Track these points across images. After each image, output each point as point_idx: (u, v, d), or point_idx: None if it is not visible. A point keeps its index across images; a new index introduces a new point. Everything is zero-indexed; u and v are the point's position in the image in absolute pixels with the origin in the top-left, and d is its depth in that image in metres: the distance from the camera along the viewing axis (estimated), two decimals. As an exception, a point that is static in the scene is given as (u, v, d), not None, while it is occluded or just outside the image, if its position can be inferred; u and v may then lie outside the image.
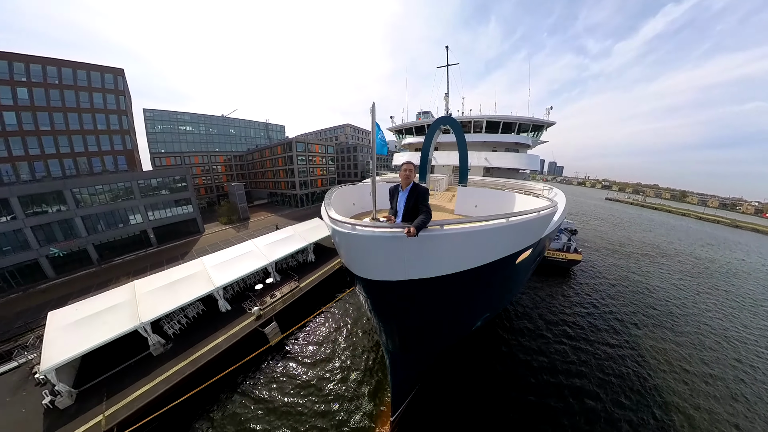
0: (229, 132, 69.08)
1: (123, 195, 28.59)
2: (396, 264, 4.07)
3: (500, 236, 4.56)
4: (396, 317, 5.43)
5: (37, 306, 18.02)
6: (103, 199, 27.34)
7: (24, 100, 28.54)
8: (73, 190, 25.39)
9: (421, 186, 4.07)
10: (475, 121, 20.81)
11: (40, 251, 23.44)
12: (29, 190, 23.35)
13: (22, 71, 28.14)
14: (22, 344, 12.89)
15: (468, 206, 9.84)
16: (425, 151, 11.29)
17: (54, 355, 9.34)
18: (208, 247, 27.93)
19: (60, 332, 10.30)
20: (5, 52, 27.41)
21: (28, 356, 11.88)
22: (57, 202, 24.68)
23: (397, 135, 27.78)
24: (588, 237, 36.07)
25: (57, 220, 24.50)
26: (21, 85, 28.28)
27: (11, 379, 11.03)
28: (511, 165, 19.25)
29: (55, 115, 30.31)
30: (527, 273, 8.91)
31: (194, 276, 14.33)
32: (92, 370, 10.70)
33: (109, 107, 33.54)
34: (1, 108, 27.41)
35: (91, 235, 26.29)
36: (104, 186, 27.56)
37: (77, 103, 31.44)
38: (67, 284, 22.22)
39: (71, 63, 30.74)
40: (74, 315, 11.24)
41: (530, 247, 5.98)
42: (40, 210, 23.87)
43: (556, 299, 18.06)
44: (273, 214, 44.33)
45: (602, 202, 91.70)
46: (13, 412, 9.35)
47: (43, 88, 29.37)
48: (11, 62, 27.58)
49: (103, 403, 9.23)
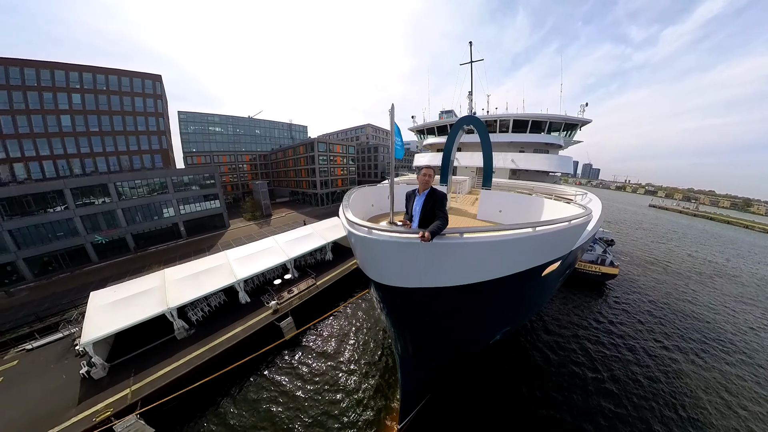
0: (254, 132, 72.95)
1: (158, 190, 31.38)
2: (410, 270, 3.99)
3: (525, 247, 4.29)
4: (409, 324, 5.33)
5: (81, 286, 20.36)
6: (141, 193, 30.22)
7: (77, 105, 32.48)
8: (116, 184, 28.36)
9: (438, 191, 4.01)
10: (501, 121, 20.11)
11: (86, 238, 26.42)
12: (80, 183, 26.48)
13: (76, 79, 32.15)
14: (67, 318, 14.73)
15: (491, 211, 9.46)
16: (447, 152, 11.01)
17: (93, 330, 10.47)
18: (232, 242, 29.59)
19: (99, 310, 11.52)
20: (64, 63, 31.41)
21: (71, 330, 13.52)
22: (102, 194, 27.68)
23: (419, 135, 27.59)
24: (627, 249, 33.22)
25: (101, 211, 27.44)
26: (75, 92, 32.23)
27: (56, 348, 12.57)
28: (540, 167, 18.31)
29: (103, 117, 34.11)
30: (554, 286, 8.37)
31: (218, 268, 15.23)
32: (124, 347, 11.78)
33: (148, 110, 37.04)
34: (58, 111, 31.37)
35: (130, 225, 29.12)
36: (142, 181, 30.46)
37: (121, 107, 35.14)
38: (107, 268, 24.83)
39: (117, 71, 34.46)
40: (112, 296, 12.50)
41: (559, 259, 5.55)
42: (88, 201, 26.89)
43: (585, 315, 16.75)
44: (294, 211, 45.96)
45: (645, 209, 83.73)
46: (56, 378, 10.59)
47: (93, 94, 33.23)
48: (68, 72, 31.57)
49: (130, 378, 10.15)
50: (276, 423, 9.47)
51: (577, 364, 12.38)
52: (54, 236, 24.91)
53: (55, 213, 25.03)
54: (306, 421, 9.47)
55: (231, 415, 9.81)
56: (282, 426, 9.35)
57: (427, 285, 4.14)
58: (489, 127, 20.56)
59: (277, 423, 9.47)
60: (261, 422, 9.52)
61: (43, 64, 30.18)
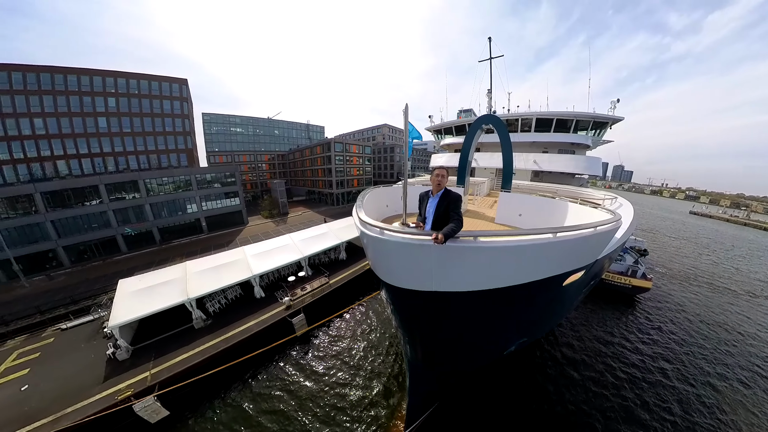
0: (273, 133, 75.61)
1: (183, 187, 33.49)
2: (422, 273, 3.96)
3: (544, 254, 4.13)
4: (419, 328, 5.28)
5: (112, 273, 22.06)
6: (167, 190, 32.41)
7: (113, 108, 35.51)
8: (145, 181, 30.57)
9: (453, 192, 3.91)
10: (522, 119, 19.49)
11: (117, 230, 28.77)
12: (113, 180, 28.88)
13: (112, 84, 35.14)
14: (98, 303, 16.03)
15: (511, 214, 9.19)
16: (465, 152, 10.80)
17: (120, 315, 11.32)
18: (249, 238, 30.73)
19: (126, 297, 12.41)
20: (102, 70, 34.52)
21: (101, 313, 14.69)
22: (132, 190, 29.98)
23: (436, 135, 27.36)
24: (663, 260, 30.83)
25: (131, 205, 29.73)
26: (111, 96, 35.23)
27: (87, 329, 13.77)
28: (565, 168, 17.51)
29: (134, 119, 36.97)
30: (577, 297, 7.93)
31: (236, 262, 15.88)
32: (146, 332, 12.60)
33: (174, 112, 39.73)
34: (96, 114, 34.44)
35: (156, 219, 31.28)
36: (169, 178, 32.72)
37: (151, 109, 37.95)
38: (134, 258, 26.79)
39: (147, 76, 37.32)
40: (138, 284, 13.42)
41: (582, 268, 5.28)
42: (120, 196, 29.28)
43: (612, 331, 15.46)
44: (310, 210, 47.04)
45: (685, 217, 77.08)
46: (85, 357, 11.66)
47: (126, 98, 36.12)
48: (104, 77, 34.59)
49: (150, 362, 10.87)
50: (282, 415, 9.72)
51: (601, 384, 11.51)
52: (89, 227, 27.34)
53: (91, 206, 27.48)
54: (311, 416, 9.63)
55: (240, 405, 10.21)
56: (288, 419, 9.58)
57: (439, 289, 4.07)
58: (510, 126, 19.98)
59: (283, 415, 9.72)
60: (267, 414, 9.80)
61: (84, 71, 33.27)
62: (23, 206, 24.62)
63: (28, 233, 24.63)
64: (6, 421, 8.88)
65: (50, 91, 31.58)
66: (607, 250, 5.61)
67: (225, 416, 9.82)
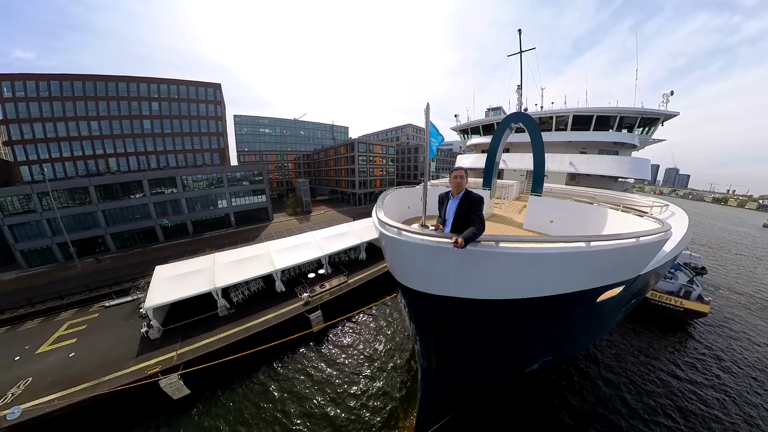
0: (299, 133, 78.77)
1: (215, 184, 36.43)
2: (440, 277, 3.90)
3: (575, 265, 3.83)
4: (434, 334, 5.18)
5: (150, 260, 24.53)
6: (201, 186, 35.45)
7: (155, 111, 39.48)
8: (182, 177, 33.67)
9: (474, 194, 3.78)
10: (557, 116, 18.29)
11: (157, 221, 32.01)
12: (155, 176, 32.21)
13: (155, 90, 39.14)
14: (136, 285, 17.97)
15: (541, 220, 8.69)
16: (492, 153, 10.34)
17: (154, 298, 12.53)
18: (274, 234, 32.24)
19: (161, 282, 13.67)
20: (147, 77, 38.67)
21: (139, 295, 16.45)
22: (171, 185, 33.17)
23: (462, 135, 26.77)
24: (726, 281, 26.95)
25: (169, 199, 32.87)
26: (154, 100, 39.23)
27: (126, 308, 15.55)
28: (606, 171, 16.11)
29: (174, 121, 40.78)
30: (614, 316, 7.18)
31: (260, 257, 16.76)
32: (176, 316, 13.76)
33: (209, 114, 43.15)
34: (142, 117, 38.52)
35: (190, 213, 34.26)
36: (203, 175, 35.86)
37: (188, 112, 41.59)
38: (170, 248, 29.60)
39: (185, 81, 41.10)
40: (172, 271, 14.71)
41: (622, 284, 4.83)
42: (159, 191, 32.51)
43: (656, 361, 13.11)
44: (332, 209, 48.24)
45: (758, 231, 67.25)
46: (123, 333, 13.15)
47: (167, 102, 40.02)
48: (149, 84, 38.66)
49: (177, 343, 11.88)
50: (292, 406, 10.08)
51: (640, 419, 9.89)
52: (133, 218, 30.81)
53: (135, 199, 30.92)
54: (320, 411, 9.83)
55: (254, 392, 10.81)
56: (297, 411, 9.91)
57: (456, 295, 3.98)
58: (543, 124, 18.94)
59: (293, 406, 10.07)
60: (278, 404, 10.23)
61: (132, 79, 37.58)
62: (80, 197, 28.56)
63: (83, 221, 28.47)
64: (55, 381, 10.37)
65: (104, 97, 36.02)
66: (653, 265, 5.04)
67: (239, 400, 10.47)
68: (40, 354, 12.26)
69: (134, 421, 9.78)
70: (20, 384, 10.31)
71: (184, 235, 33.72)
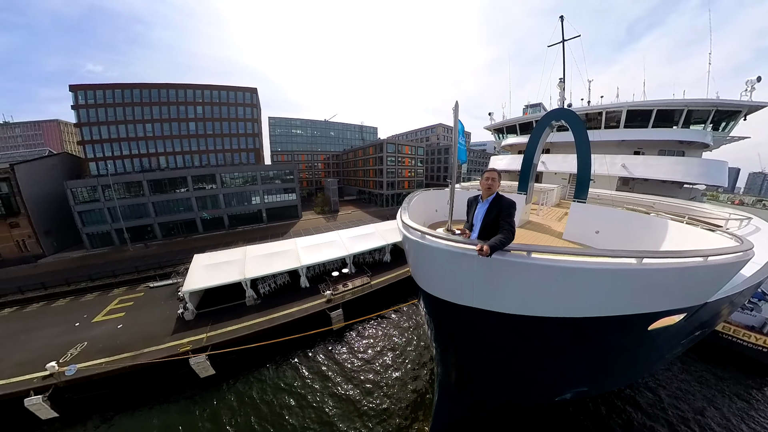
0: (329, 134, 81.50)
1: (250, 181, 39.35)
2: (463, 286, 3.68)
3: (622, 284, 3.33)
4: (454, 346, 4.93)
5: (189, 249, 27.03)
6: (237, 183, 38.55)
7: (199, 114, 43.49)
8: (221, 175, 36.96)
9: (505, 198, 3.54)
10: (607, 112, 16.48)
11: (197, 214, 35.56)
12: (197, 173, 35.87)
13: (199, 95, 43.25)
14: (177, 271, 19.90)
15: (584, 231, 7.78)
16: (529, 154, 9.38)
17: (191, 283, 13.77)
18: (302, 231, 33.73)
19: (198, 269, 14.97)
20: (192, 84, 43.08)
21: (178, 279, 18.13)
22: (211, 182, 36.51)
23: (497, 134, 25.52)
24: None
25: (209, 194, 36.23)
26: (198, 105, 43.27)
27: (166, 290, 17.43)
28: (668, 175, 13.90)
29: (215, 123, 44.61)
30: (671, 349, 6.22)
31: (287, 252, 17.51)
32: (208, 301, 14.91)
33: (246, 117, 46.49)
34: (188, 119, 42.78)
35: (227, 208, 37.40)
36: (239, 173, 39.03)
37: (228, 114, 45.18)
38: (207, 239, 32.78)
39: (225, 87, 44.83)
40: (208, 260, 16.03)
41: (682, 311, 4.12)
42: (201, 187, 35.93)
43: (728, 411, 10.31)
44: (359, 210, 49.06)
45: None
46: (162, 312, 14.75)
47: (210, 106, 43.92)
48: (194, 90, 42.94)
49: (208, 326, 12.93)
50: (303, 399, 10.43)
51: None
52: (177, 210, 34.58)
53: (180, 193, 34.62)
54: (332, 409, 9.93)
55: (272, 381, 11.34)
56: (309, 405, 10.20)
57: (480, 306, 3.72)
58: (590, 121, 17.25)
59: (307, 399, 10.40)
60: (292, 397, 10.59)
61: (180, 86, 42.09)
62: (135, 190, 32.89)
63: (136, 211, 32.77)
64: (104, 348, 12.06)
65: (157, 102, 40.77)
66: (726, 291, 4.18)
67: (258, 386, 11.16)
68: (95, 323, 14.32)
69: (164, 393, 10.86)
70: (77, 346, 12.18)
71: (220, 228, 37.08)
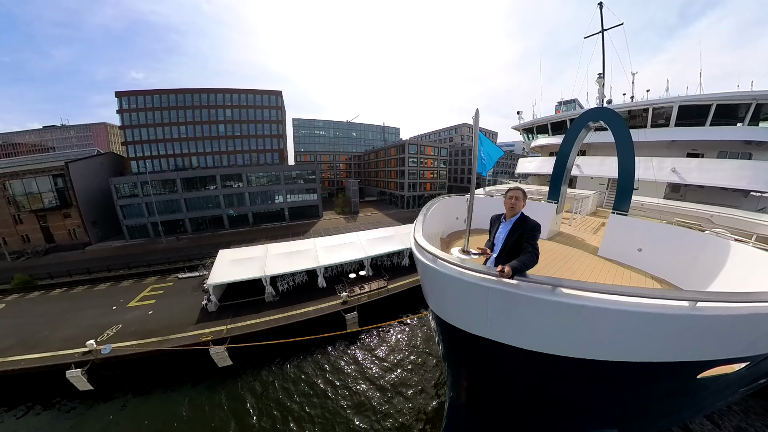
0: (351, 135, 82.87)
1: (274, 181, 41.13)
2: (475, 315, 3.39)
3: (668, 330, 2.80)
4: (465, 371, 4.59)
5: (216, 243, 28.83)
6: (262, 182, 40.47)
7: (228, 117, 46.12)
8: (247, 174, 39.18)
9: (531, 220, 3.33)
10: (655, 109, 14.76)
11: (224, 211, 37.92)
12: (226, 172, 38.31)
13: (228, 99, 45.90)
14: (203, 264, 21.03)
15: (624, 247, 6.81)
16: (562, 156, 8.54)
17: (216, 276, 14.52)
18: (322, 230, 34.55)
19: (222, 264, 15.76)
20: (222, 88, 45.84)
21: (204, 272, 19.15)
22: (238, 181, 38.71)
23: (526, 135, 24.08)
24: None
25: (236, 193, 38.40)
26: (227, 108, 45.90)
27: (194, 282, 18.67)
28: (730, 182, 11.95)
29: (243, 125, 47.08)
30: (727, 397, 5.43)
31: (307, 251, 17.84)
32: (230, 294, 15.63)
33: (271, 119, 48.59)
34: (217, 122, 45.57)
35: (252, 206, 39.45)
36: (264, 173, 41.01)
37: (254, 117, 47.50)
38: (232, 235, 34.94)
39: (251, 90, 47.18)
40: (232, 255, 16.80)
41: (743, 360, 3.51)
42: (228, 185, 38.21)
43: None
44: (379, 211, 49.21)
45: None
46: (188, 302, 15.72)
47: (238, 108, 46.43)
48: (224, 94, 45.76)
49: (228, 319, 13.61)
50: (311, 401, 10.51)
51: None
52: (206, 206, 37.19)
53: (209, 191, 37.14)
54: (340, 412, 9.92)
55: (282, 378, 11.63)
56: (318, 405, 10.30)
57: (493, 338, 3.40)
58: (633, 119, 15.63)
59: (312, 402, 10.49)
60: (301, 397, 10.75)
61: (211, 91, 45.01)
62: (169, 187, 35.82)
63: (170, 206, 35.68)
64: (135, 331, 13.18)
65: (190, 106, 43.94)
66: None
67: (272, 380, 11.55)
68: (129, 307, 15.74)
69: (184, 378, 11.63)
70: (113, 328, 13.50)
71: (244, 225, 39.29)
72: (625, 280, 5.93)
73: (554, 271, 6.12)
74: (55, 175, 31.17)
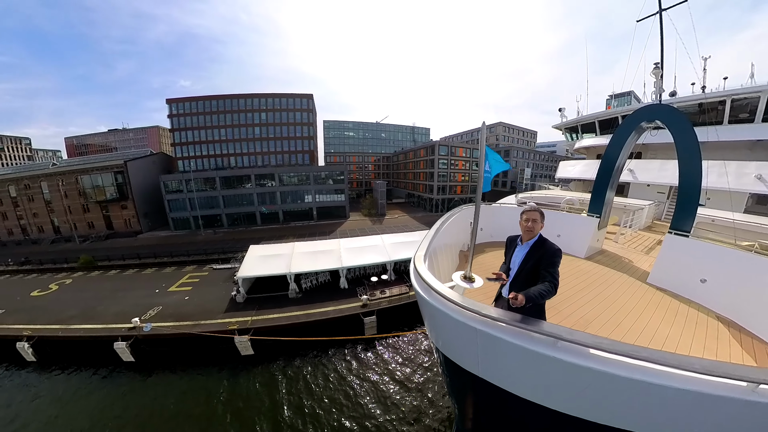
0: (380, 136, 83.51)
1: (304, 181, 43.08)
2: (467, 353, 3.17)
3: (715, 418, 2.10)
4: (465, 402, 4.34)
5: (248, 239, 30.92)
6: (293, 182, 42.62)
7: (264, 120, 49.20)
8: (280, 174, 41.55)
9: (550, 243, 2.98)
10: (735, 101, 12.20)
11: (257, 208, 40.66)
12: (260, 171, 41.22)
13: (264, 103, 48.99)
14: (235, 257, 22.57)
15: (682, 275, 5.63)
16: (609, 160, 7.46)
17: (245, 269, 15.61)
18: (347, 231, 35.18)
19: (252, 258, 16.81)
20: (258, 93, 48.95)
21: (235, 265, 20.34)
22: (270, 180, 41.22)
23: (569, 134, 21.76)
24: None
25: (268, 191, 40.92)
26: (263, 111, 48.98)
27: (226, 273, 20.24)
28: None
29: (277, 128, 50.00)
30: None
31: (331, 252, 18.28)
32: (257, 288, 16.51)
33: (303, 121, 50.95)
34: (254, 125, 48.85)
35: (283, 204, 41.81)
36: (294, 173, 43.20)
37: (287, 119, 50.16)
38: (263, 231, 37.19)
39: (284, 94, 49.94)
40: (261, 251, 17.85)
41: None
42: (261, 184, 40.89)
43: None
44: (407, 214, 48.86)
45: None
46: (219, 291, 17.09)
47: (272, 112, 49.36)
48: (260, 98, 48.92)
49: (253, 311, 14.54)
50: (322, 402, 10.66)
51: None
52: (241, 204, 40.28)
53: (244, 189, 40.07)
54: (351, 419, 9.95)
55: (300, 376, 11.93)
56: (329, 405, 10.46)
57: (488, 380, 3.14)
58: (703, 114, 12.92)
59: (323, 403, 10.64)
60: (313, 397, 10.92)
61: (248, 96, 48.50)
62: (209, 185, 39.33)
63: (209, 202, 39.24)
64: (173, 314, 14.69)
65: (229, 110, 47.77)
66: None
67: (291, 374, 12.03)
68: (169, 292, 17.54)
69: (210, 361, 12.62)
70: (155, 309, 15.19)
71: (275, 222, 41.74)
72: (679, 318, 4.93)
73: (587, 300, 5.35)
74: (116, 172, 36.70)
